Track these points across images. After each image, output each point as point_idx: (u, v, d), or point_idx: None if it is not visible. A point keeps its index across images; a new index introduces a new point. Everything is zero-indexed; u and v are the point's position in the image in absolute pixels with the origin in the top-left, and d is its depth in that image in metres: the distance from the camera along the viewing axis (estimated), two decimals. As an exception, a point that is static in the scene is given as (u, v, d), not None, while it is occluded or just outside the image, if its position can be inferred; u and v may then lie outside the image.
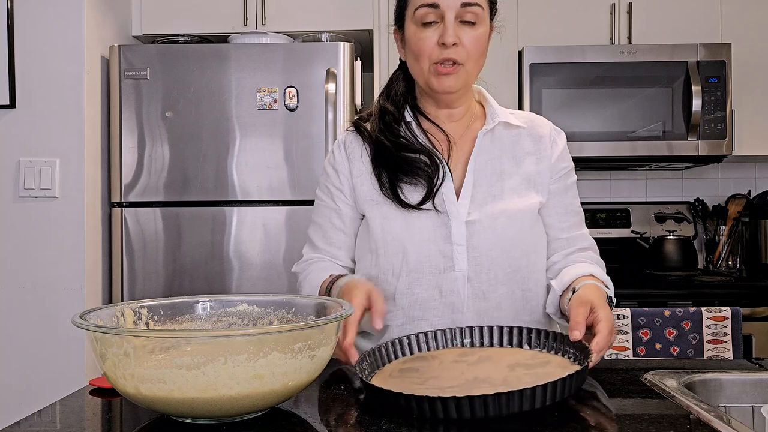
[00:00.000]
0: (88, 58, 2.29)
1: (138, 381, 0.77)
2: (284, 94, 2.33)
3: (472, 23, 1.19)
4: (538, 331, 1.02)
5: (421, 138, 1.27)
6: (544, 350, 1.01)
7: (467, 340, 1.05)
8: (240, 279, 2.34)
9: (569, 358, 0.97)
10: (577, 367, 0.90)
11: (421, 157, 1.24)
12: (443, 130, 1.28)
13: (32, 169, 2.24)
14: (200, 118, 2.34)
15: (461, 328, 1.06)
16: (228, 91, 2.34)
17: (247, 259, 2.33)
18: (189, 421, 0.82)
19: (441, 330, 1.05)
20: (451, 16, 1.17)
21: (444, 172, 1.24)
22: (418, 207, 1.22)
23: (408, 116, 1.29)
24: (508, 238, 1.22)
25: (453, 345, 1.05)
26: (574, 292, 1.15)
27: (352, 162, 1.30)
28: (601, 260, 1.32)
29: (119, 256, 2.35)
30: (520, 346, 1.03)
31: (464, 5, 1.17)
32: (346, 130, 1.36)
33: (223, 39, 2.60)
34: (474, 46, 1.20)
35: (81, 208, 2.25)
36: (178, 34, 2.62)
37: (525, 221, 1.24)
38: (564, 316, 1.20)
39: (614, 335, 1.00)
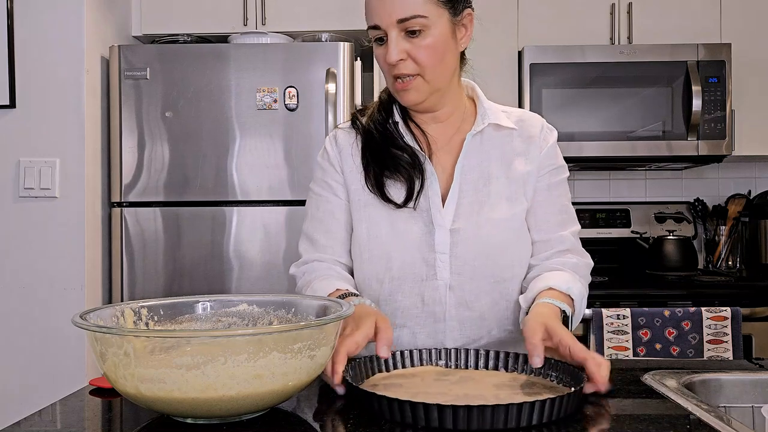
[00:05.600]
0: (88, 58, 2.29)
1: (138, 381, 0.77)
2: (284, 94, 2.33)
3: (419, 32, 1.14)
4: (516, 355, 1.01)
5: (407, 137, 1.25)
6: (522, 373, 1.00)
7: (442, 362, 1.04)
8: (240, 279, 2.34)
9: (552, 380, 0.96)
10: (567, 389, 0.90)
11: (405, 155, 1.23)
12: (423, 132, 1.26)
13: (32, 169, 2.24)
14: (200, 118, 2.34)
15: (437, 348, 1.05)
16: (228, 91, 2.34)
17: (247, 259, 2.33)
18: (189, 421, 0.82)
19: (417, 350, 1.04)
20: (393, 33, 1.14)
21: (425, 173, 1.22)
22: (400, 206, 1.21)
23: (396, 115, 1.28)
24: (492, 248, 1.20)
25: (429, 364, 1.03)
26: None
27: (343, 158, 1.29)
28: (583, 263, 1.27)
29: (119, 256, 2.35)
30: (496, 369, 1.02)
31: (401, 21, 1.13)
32: (338, 127, 1.35)
33: (223, 39, 2.60)
34: (425, 56, 1.15)
35: (81, 208, 2.25)
36: (178, 34, 2.62)
37: (510, 230, 1.22)
38: None
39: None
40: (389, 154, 1.23)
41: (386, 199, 1.22)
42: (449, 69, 1.20)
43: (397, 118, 1.27)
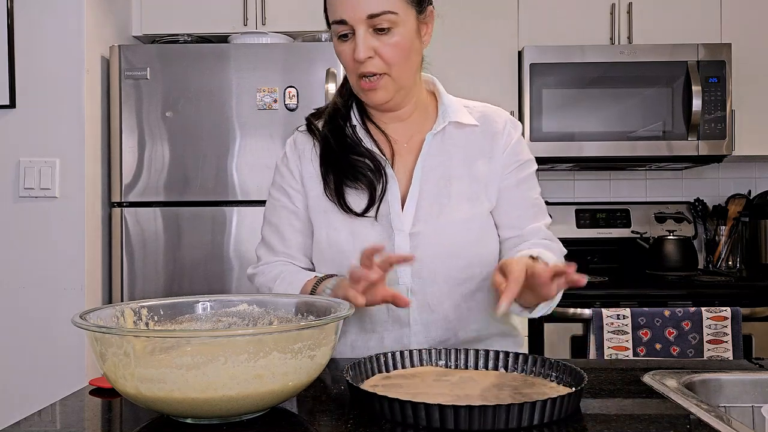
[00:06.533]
0: (88, 58, 2.29)
1: (138, 381, 0.77)
2: (284, 94, 2.33)
3: (388, 30, 1.12)
4: (516, 355, 1.01)
5: (366, 141, 1.23)
6: (522, 373, 1.00)
7: (442, 362, 1.04)
8: (240, 279, 2.33)
9: (552, 380, 0.96)
10: (567, 389, 0.90)
11: (366, 161, 1.21)
12: (384, 133, 1.25)
13: (32, 169, 2.24)
14: (200, 118, 2.34)
15: (437, 349, 1.05)
16: (228, 91, 2.34)
17: (247, 259, 2.33)
18: (189, 421, 0.82)
19: (417, 350, 1.04)
20: (362, 30, 1.11)
21: (387, 178, 1.20)
22: (360, 215, 1.19)
23: (354, 118, 1.26)
24: (451, 249, 1.18)
25: (429, 364, 1.03)
26: None
27: (303, 163, 1.27)
28: (556, 246, 1.24)
29: (119, 256, 2.35)
30: (495, 369, 1.01)
31: (371, 16, 1.10)
32: (297, 129, 1.32)
33: (223, 39, 2.60)
34: (392, 54, 1.13)
35: (81, 208, 2.25)
36: (178, 34, 2.62)
37: (471, 231, 1.20)
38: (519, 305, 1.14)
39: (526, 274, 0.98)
40: (348, 162, 1.21)
41: (346, 209, 1.20)
42: (414, 67, 1.19)
43: (355, 121, 1.25)
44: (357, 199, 1.20)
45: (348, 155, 1.22)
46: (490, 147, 1.24)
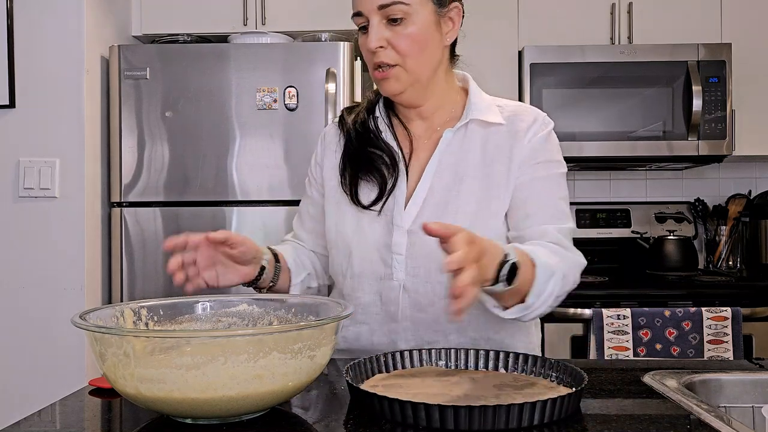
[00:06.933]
0: (88, 58, 2.28)
1: (138, 381, 0.77)
2: (284, 94, 2.32)
3: (401, 20, 1.13)
4: (516, 355, 1.01)
5: (386, 134, 1.25)
6: (523, 373, 0.99)
7: (442, 362, 1.04)
8: (240, 279, 2.33)
9: (552, 380, 0.95)
10: (567, 389, 0.90)
11: (383, 155, 1.22)
12: (407, 128, 1.25)
13: (32, 169, 2.24)
14: (200, 118, 2.34)
15: (437, 349, 1.04)
16: (228, 91, 2.34)
17: (247, 259, 2.33)
18: (189, 421, 0.82)
19: (417, 350, 1.04)
20: (375, 20, 1.14)
21: (398, 173, 1.21)
22: (366, 208, 1.20)
23: (378, 111, 1.27)
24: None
25: (429, 364, 1.03)
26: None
27: (326, 155, 1.30)
28: (569, 255, 1.12)
29: (119, 256, 2.34)
30: (496, 369, 1.01)
31: (381, 7, 1.13)
32: (333, 121, 1.36)
33: (223, 39, 2.60)
34: (405, 45, 1.13)
35: (81, 208, 2.25)
36: (177, 34, 2.61)
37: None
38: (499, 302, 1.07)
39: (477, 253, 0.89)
40: (366, 155, 1.23)
41: (355, 201, 1.22)
42: (431, 61, 1.18)
43: (378, 113, 1.27)
44: (368, 192, 1.22)
45: (366, 148, 1.23)
46: (510, 147, 1.20)
